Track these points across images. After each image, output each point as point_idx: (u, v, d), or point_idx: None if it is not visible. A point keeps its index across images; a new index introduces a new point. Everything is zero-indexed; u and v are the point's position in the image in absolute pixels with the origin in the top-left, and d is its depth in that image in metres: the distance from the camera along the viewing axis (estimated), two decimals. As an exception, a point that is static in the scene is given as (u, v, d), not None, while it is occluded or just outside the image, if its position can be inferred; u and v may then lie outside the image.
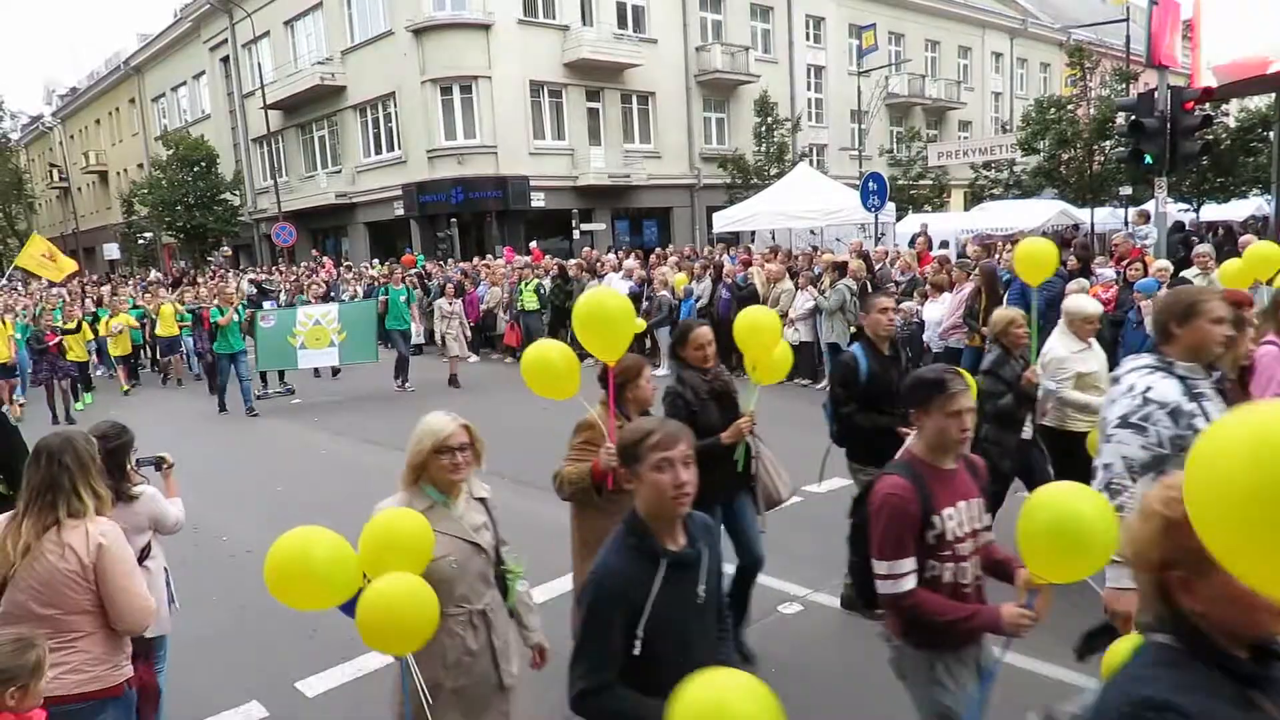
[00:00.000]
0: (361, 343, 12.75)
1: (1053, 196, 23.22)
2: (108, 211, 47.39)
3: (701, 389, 4.55)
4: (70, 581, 2.82)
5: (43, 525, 2.83)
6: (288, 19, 30.41)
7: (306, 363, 12.91)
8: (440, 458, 2.90)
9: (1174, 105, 11.22)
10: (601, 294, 4.06)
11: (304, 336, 12.30)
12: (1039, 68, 43.89)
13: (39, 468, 2.89)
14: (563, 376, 3.90)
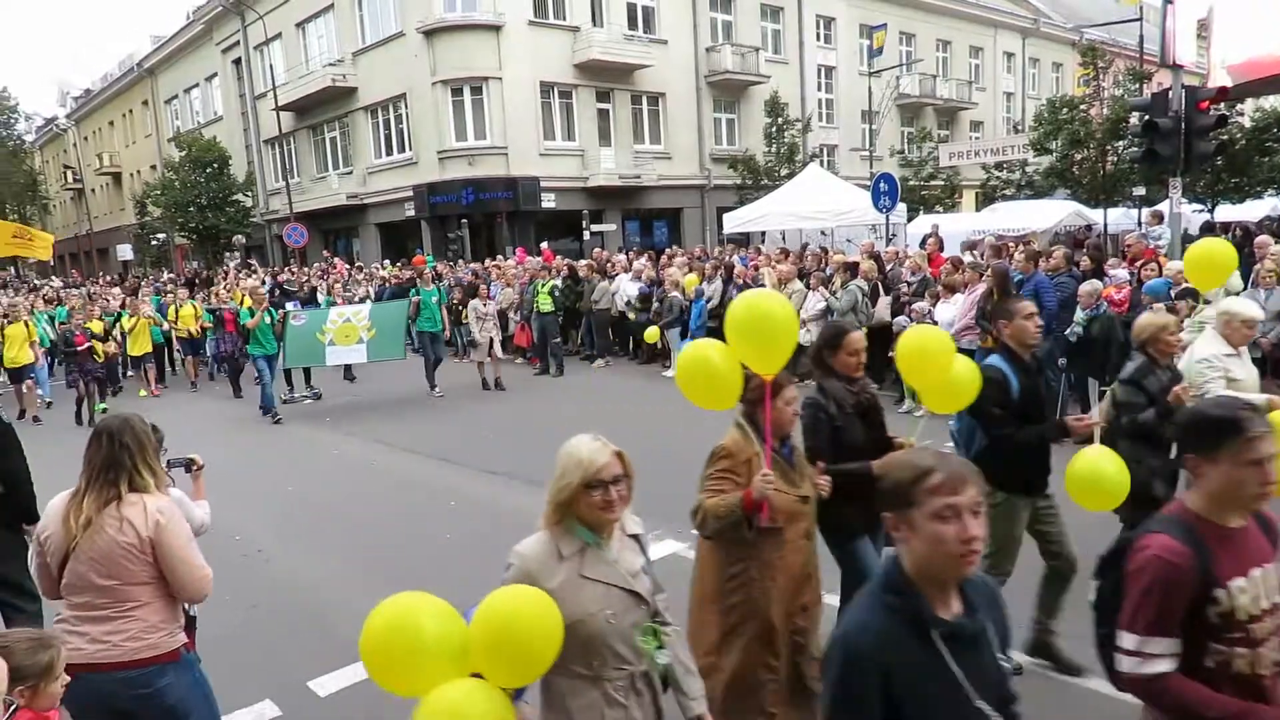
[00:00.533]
0: (390, 340, 12.59)
1: (1065, 197, 23.08)
2: (121, 213, 47.70)
3: (847, 402, 3.99)
4: (128, 554, 2.94)
5: (103, 500, 2.95)
6: (299, 21, 30.54)
7: (334, 360, 12.72)
8: (591, 493, 2.54)
9: (1188, 105, 11.14)
10: (762, 297, 3.51)
11: (333, 334, 12.17)
12: (1051, 68, 43.68)
13: (100, 447, 3.01)
14: (725, 382, 3.39)
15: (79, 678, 2.76)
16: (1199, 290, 7.02)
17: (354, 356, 12.70)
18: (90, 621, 2.91)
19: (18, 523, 4.62)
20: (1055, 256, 9.82)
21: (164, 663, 2.99)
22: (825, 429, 3.88)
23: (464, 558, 6.54)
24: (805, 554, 3.52)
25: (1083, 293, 8.50)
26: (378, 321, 12.51)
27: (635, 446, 8.89)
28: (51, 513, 3.02)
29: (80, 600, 2.93)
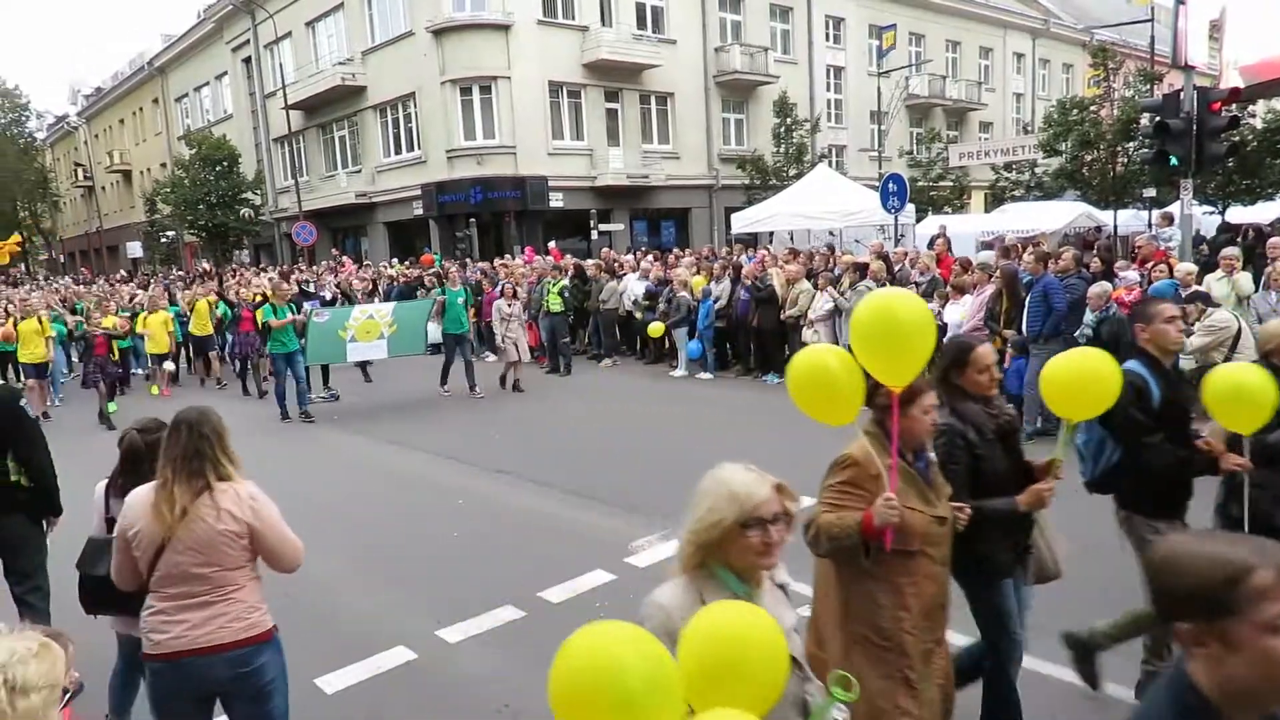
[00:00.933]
0: (411, 337, 12.56)
1: (1075, 198, 23.00)
2: (131, 210, 47.92)
3: (986, 426, 3.47)
4: (229, 540, 3.02)
5: (195, 490, 3.00)
6: (309, 20, 30.63)
7: (355, 356, 12.64)
8: (748, 534, 2.17)
9: (1200, 106, 11.09)
10: (892, 299, 3.07)
11: (355, 330, 12.07)
12: (1061, 68, 43.52)
13: (180, 438, 3.05)
14: (844, 394, 3.00)
15: (181, 663, 2.93)
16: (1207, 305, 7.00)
17: (374, 352, 12.60)
18: (190, 609, 2.99)
19: (42, 516, 4.67)
20: (1064, 258, 9.77)
21: (262, 642, 3.11)
22: (964, 458, 3.37)
23: (471, 556, 6.56)
24: (940, 582, 3.11)
25: (1092, 295, 8.48)
26: (400, 319, 12.44)
27: (643, 445, 8.98)
28: (137, 507, 3.03)
29: (177, 590, 2.99)
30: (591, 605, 5.46)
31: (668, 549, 6.31)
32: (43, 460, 4.56)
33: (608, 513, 7.35)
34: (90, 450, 8.13)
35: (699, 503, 2.23)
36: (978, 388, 3.53)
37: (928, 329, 2.95)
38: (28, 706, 1.52)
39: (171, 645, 2.95)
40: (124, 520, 3.03)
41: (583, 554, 6.29)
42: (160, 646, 2.97)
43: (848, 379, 2.97)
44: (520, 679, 4.60)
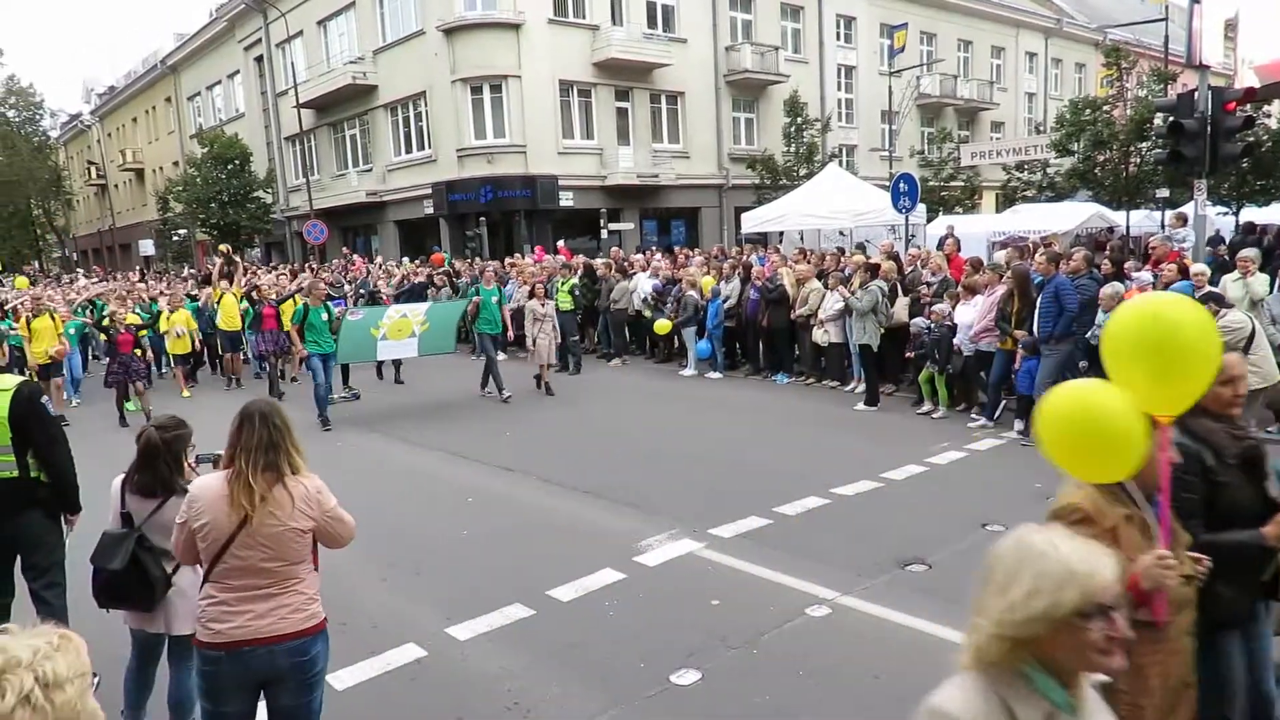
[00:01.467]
0: (442, 335, 12.30)
1: (1087, 199, 22.87)
2: (143, 208, 48.17)
3: (1228, 450, 2.93)
4: (297, 536, 3.08)
5: (270, 481, 3.04)
6: (320, 19, 30.72)
7: (385, 354, 12.46)
8: (1088, 626, 1.66)
9: (1215, 106, 11.01)
10: (1170, 304, 2.54)
11: (387, 329, 11.80)
12: (1074, 68, 43.29)
13: (254, 428, 3.08)
14: (1126, 441, 2.41)
15: (242, 652, 2.98)
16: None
17: (405, 351, 12.34)
18: (254, 600, 3.03)
19: (60, 513, 4.68)
20: (1075, 258, 9.73)
21: (319, 632, 3.17)
22: (1199, 486, 2.83)
23: (480, 554, 6.57)
24: (1184, 657, 2.63)
25: (1104, 295, 8.43)
26: (433, 318, 12.19)
27: (652, 444, 8.97)
28: (205, 498, 3.04)
29: (241, 582, 3.03)
30: (600, 604, 5.47)
31: (677, 548, 6.32)
32: (62, 457, 4.58)
33: (617, 511, 7.35)
34: (112, 449, 8.16)
35: (1010, 581, 1.72)
36: (1219, 403, 2.93)
37: (1213, 342, 2.48)
38: (65, 700, 1.51)
39: (233, 635, 3.00)
40: (190, 510, 3.05)
41: (592, 553, 6.29)
42: (220, 635, 3.00)
43: (1131, 421, 2.39)
44: (529, 676, 4.61)
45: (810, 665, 4.59)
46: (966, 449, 8.83)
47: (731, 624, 5.07)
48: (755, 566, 5.94)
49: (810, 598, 5.38)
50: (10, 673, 1.47)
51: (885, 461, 8.25)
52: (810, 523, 6.85)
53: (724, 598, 5.47)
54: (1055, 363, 8.80)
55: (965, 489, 7.60)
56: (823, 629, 5.02)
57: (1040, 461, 8.22)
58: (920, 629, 4.93)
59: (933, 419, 10.27)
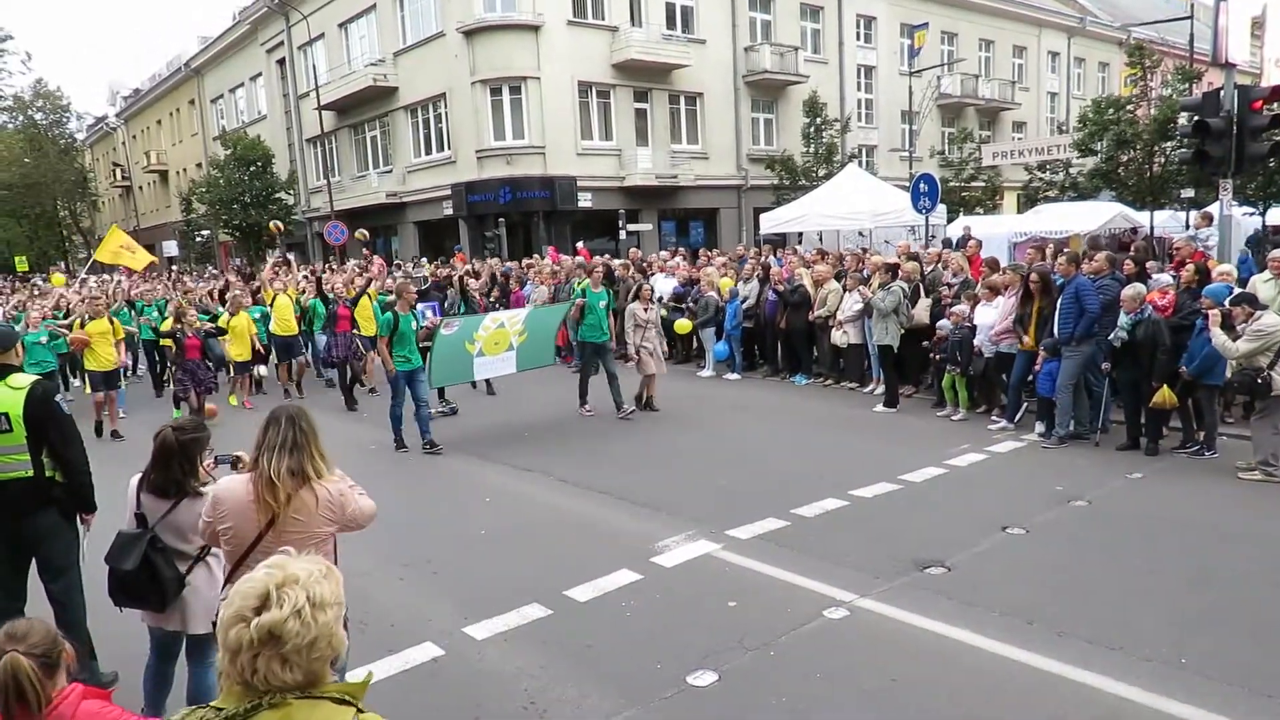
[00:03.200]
0: (541, 347, 10.97)
1: (1110, 199, 22.64)
2: (167, 210, 48.75)
3: None
4: (320, 540, 3.14)
5: (296, 484, 3.10)
6: (342, 21, 30.96)
7: (482, 372, 10.77)
8: None
9: (1240, 105, 10.87)
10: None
11: (483, 342, 10.19)
12: (1097, 67, 42.84)
13: (280, 428, 3.14)
14: None
15: None
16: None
17: (502, 367, 10.77)
18: None
19: (75, 512, 4.69)
20: (1098, 259, 9.62)
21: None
22: None
23: (498, 553, 6.60)
24: None
25: (1126, 296, 8.33)
26: (532, 326, 10.73)
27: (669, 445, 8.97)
28: (229, 501, 3.09)
29: None
30: (618, 604, 5.47)
31: (694, 549, 6.32)
32: (77, 456, 4.59)
33: (634, 512, 7.35)
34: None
35: None
36: None
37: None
38: (325, 621, 1.71)
39: None
40: (215, 512, 3.09)
41: (609, 553, 6.30)
42: None
43: None
44: (546, 676, 4.63)
45: (827, 667, 4.57)
46: (987, 451, 8.77)
47: (749, 625, 5.06)
48: (773, 568, 5.92)
49: (828, 600, 5.36)
50: (289, 587, 1.69)
51: (904, 463, 8.21)
52: (828, 524, 6.83)
53: (741, 599, 5.46)
54: (1076, 364, 8.72)
55: (985, 491, 7.54)
56: (840, 631, 5.00)
57: (1061, 463, 8.19)
58: (938, 632, 4.90)
59: (952, 421, 10.20)
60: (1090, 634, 4.77)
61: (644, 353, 11.25)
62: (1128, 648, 4.60)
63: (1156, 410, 8.36)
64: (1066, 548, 6.18)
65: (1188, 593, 5.33)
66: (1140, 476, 7.75)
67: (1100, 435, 8.90)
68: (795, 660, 4.66)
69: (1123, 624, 4.90)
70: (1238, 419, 9.08)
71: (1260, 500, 7.04)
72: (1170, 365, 8.10)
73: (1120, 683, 4.27)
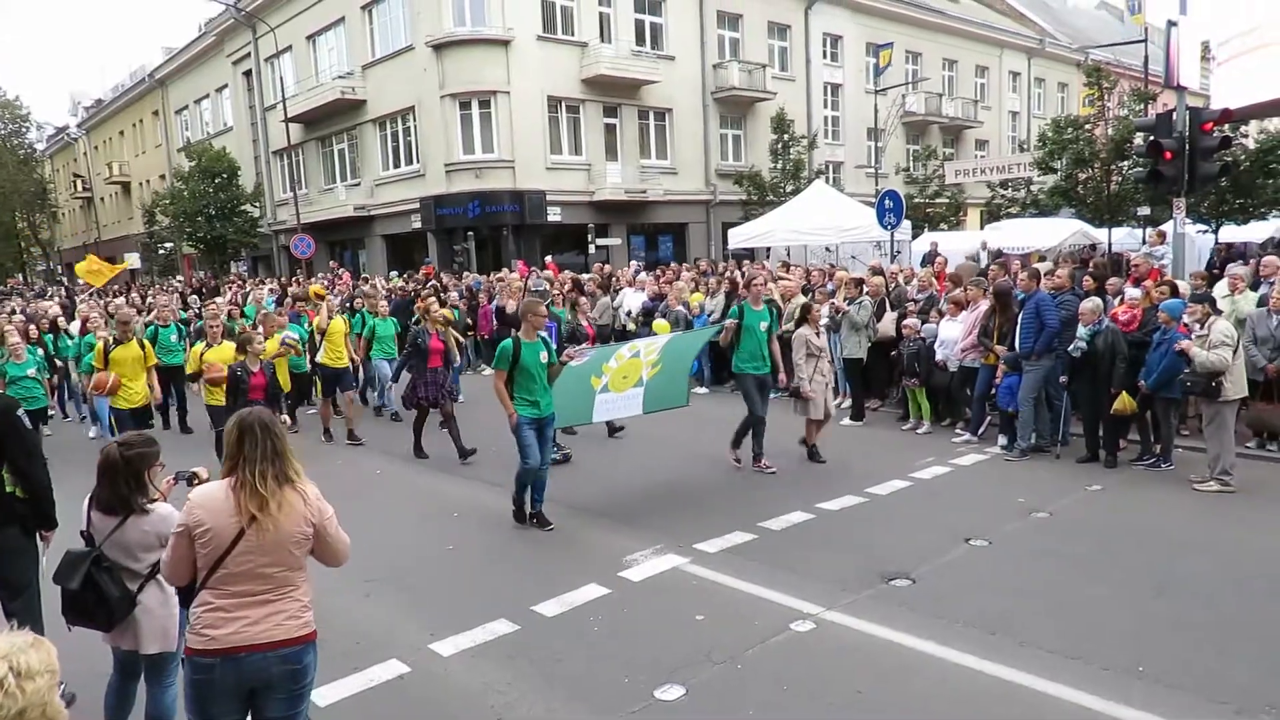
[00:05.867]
0: (672, 383, 8.77)
1: (1070, 215, 23.12)
2: (129, 221, 47.97)
3: None
4: (299, 542, 3.10)
5: (279, 486, 3.05)
6: (310, 34, 30.78)
7: (603, 412, 8.53)
8: None
9: (1192, 126, 11.19)
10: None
11: (611, 376, 8.30)
12: (1057, 87, 43.81)
13: (255, 437, 3.06)
14: None
15: (238, 658, 2.98)
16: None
17: (626, 407, 8.62)
18: (250, 606, 3.04)
19: (37, 529, 4.62)
20: (1060, 275, 9.83)
21: (311, 641, 3.16)
22: None
23: (465, 569, 6.56)
24: None
25: (1084, 309, 8.52)
26: (668, 356, 8.67)
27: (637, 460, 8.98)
28: (207, 505, 3.02)
29: (240, 588, 3.03)
30: (585, 619, 5.47)
31: (662, 563, 6.33)
32: (38, 472, 4.52)
33: (602, 526, 7.35)
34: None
35: None
36: None
37: None
38: (34, 689, 1.72)
39: (230, 640, 2.99)
40: (190, 518, 3.02)
41: (577, 568, 6.29)
42: (215, 641, 2.99)
43: None
44: (513, 692, 4.60)
45: (794, 680, 4.60)
46: (951, 464, 8.89)
47: (716, 639, 5.08)
48: (740, 581, 5.95)
49: (794, 612, 5.40)
50: None
51: (870, 476, 8.30)
52: (795, 537, 6.88)
53: (709, 613, 5.48)
54: (1037, 378, 8.89)
55: (949, 503, 7.64)
56: (807, 644, 5.03)
57: (1022, 476, 8.33)
58: (903, 643, 4.95)
59: (917, 434, 10.33)
60: (1051, 644, 4.86)
61: (816, 388, 9.12)
62: (1087, 657, 4.69)
63: (1115, 423, 8.54)
64: (1028, 559, 6.28)
65: (1146, 602, 5.44)
66: (1100, 488, 7.90)
67: (1061, 448, 9.06)
68: (762, 673, 4.68)
69: (1083, 634, 4.99)
70: (1194, 431, 9.31)
71: (1216, 510, 7.21)
72: (1129, 376, 8.28)
73: (1080, 691, 4.35)
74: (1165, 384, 8.06)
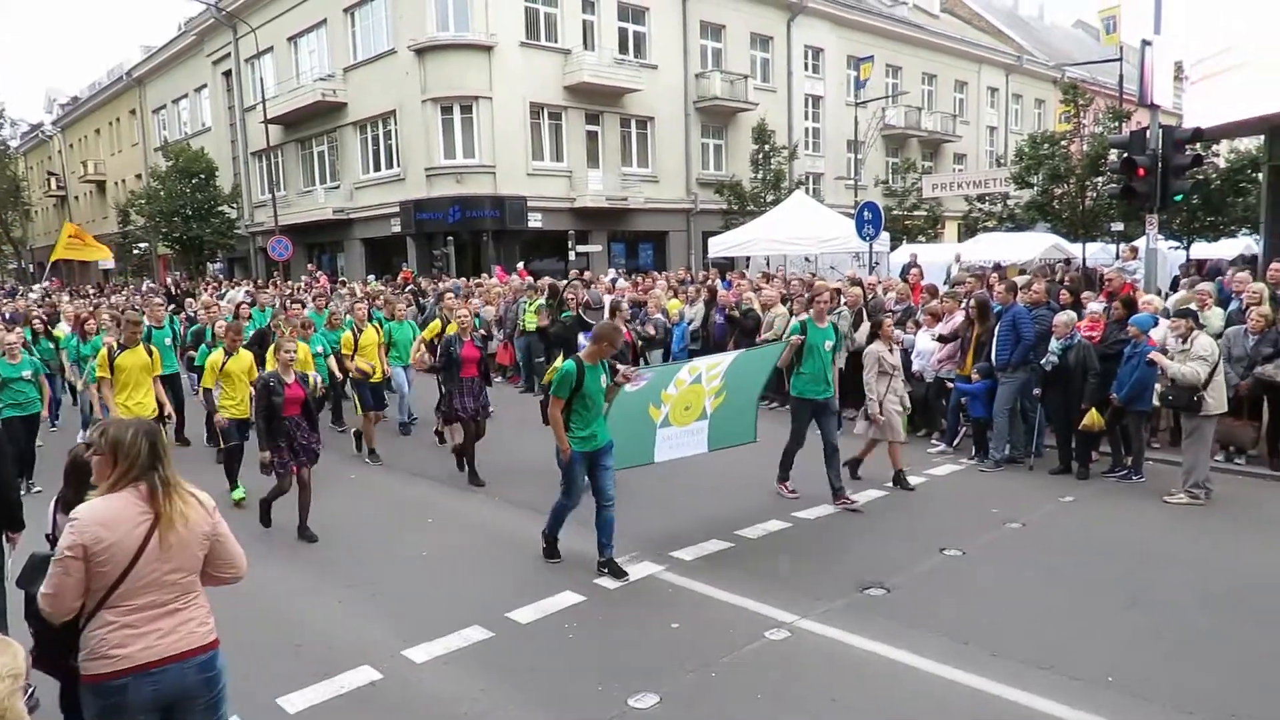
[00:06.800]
0: (740, 415, 7.77)
1: (1046, 230, 23.42)
2: (104, 221, 47.39)
3: None
4: (200, 544, 3.04)
5: (169, 496, 2.98)
6: (291, 35, 30.62)
7: (667, 451, 7.36)
8: None
9: (1165, 144, 11.37)
10: None
11: (671, 405, 7.17)
12: (1034, 103, 44.43)
13: (145, 446, 2.99)
14: None
15: (152, 674, 2.89)
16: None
17: (689, 445, 7.49)
18: (159, 618, 2.95)
19: (2, 530, 4.56)
20: (1036, 289, 9.93)
21: (218, 647, 3.12)
22: None
23: (440, 575, 6.52)
24: None
25: (1057, 323, 8.62)
26: (733, 381, 7.52)
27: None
28: (100, 517, 2.89)
29: (145, 600, 2.92)
30: (560, 626, 5.44)
31: (638, 571, 6.31)
32: (4, 472, 4.46)
33: (578, 534, 7.31)
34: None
35: None
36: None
37: None
38: None
39: (144, 656, 2.88)
40: (85, 535, 2.83)
41: (552, 575, 6.27)
42: (128, 659, 2.86)
43: None
44: (486, 700, 4.57)
45: (768, 688, 4.60)
46: (926, 474, 8.94)
47: (691, 647, 5.08)
48: (715, 589, 5.95)
49: (770, 621, 5.40)
50: None
51: (846, 486, 8.32)
52: (771, 546, 6.89)
53: (684, 620, 5.47)
54: (1012, 390, 8.98)
55: (924, 513, 7.69)
56: (781, 652, 5.04)
57: (996, 486, 8.38)
58: (878, 652, 4.97)
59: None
60: (1023, 654, 4.89)
61: (890, 409, 8.39)
62: (1058, 667, 4.73)
63: (1086, 435, 8.64)
64: (1002, 569, 6.33)
65: (1117, 613, 5.49)
66: (1072, 500, 7.98)
67: (1034, 459, 9.15)
68: (737, 681, 4.68)
69: (1054, 644, 5.03)
70: (1164, 444, 9.44)
71: (1186, 522, 7.31)
72: (1100, 390, 8.38)
73: (1050, 700, 4.38)
74: (1135, 397, 8.18)
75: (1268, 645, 4.98)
